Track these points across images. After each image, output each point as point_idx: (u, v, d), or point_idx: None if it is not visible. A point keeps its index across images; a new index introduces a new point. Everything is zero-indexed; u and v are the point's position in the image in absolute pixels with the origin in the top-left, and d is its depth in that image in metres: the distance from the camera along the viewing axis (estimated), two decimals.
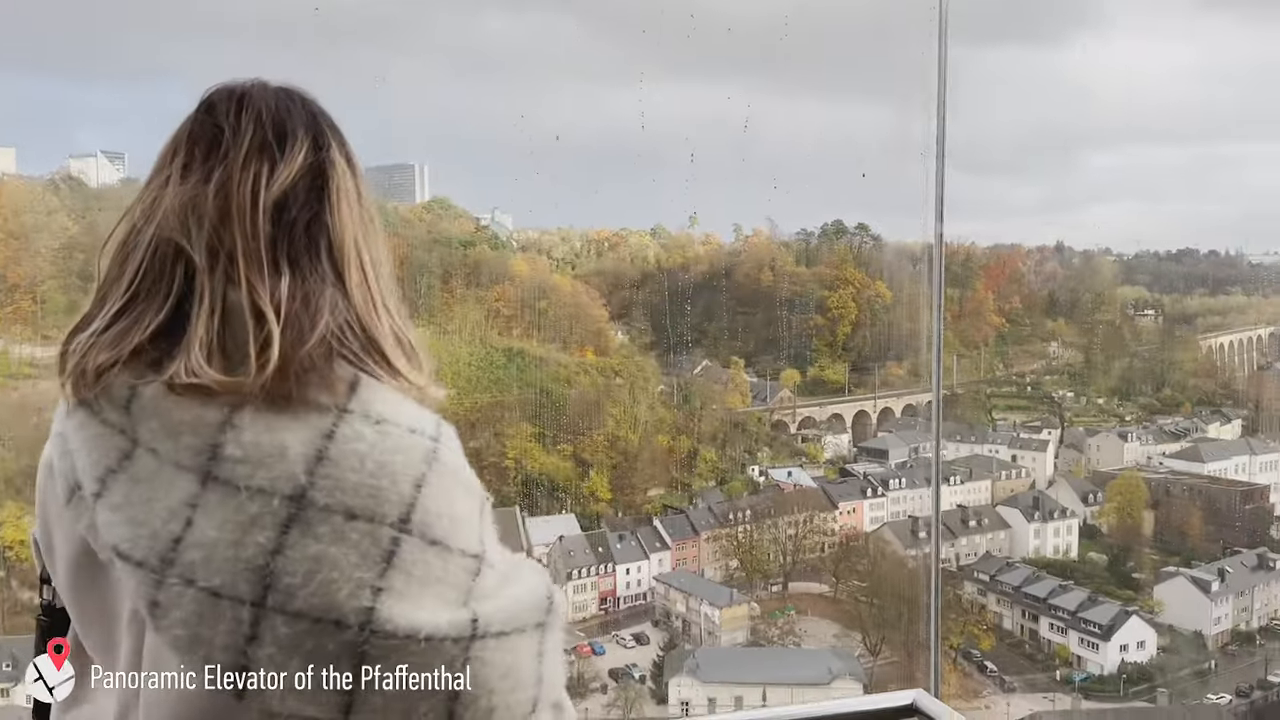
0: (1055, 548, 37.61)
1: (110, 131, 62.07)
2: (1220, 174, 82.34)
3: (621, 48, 63.74)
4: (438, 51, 60.97)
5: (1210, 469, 41.85)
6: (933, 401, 4.82)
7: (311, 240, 0.96)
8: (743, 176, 65.77)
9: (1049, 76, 66.25)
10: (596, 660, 30.85)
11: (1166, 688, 29.04)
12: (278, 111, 0.99)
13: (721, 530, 36.33)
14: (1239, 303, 68.66)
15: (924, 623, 19.25)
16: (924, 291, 57.67)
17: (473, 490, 0.94)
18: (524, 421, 40.47)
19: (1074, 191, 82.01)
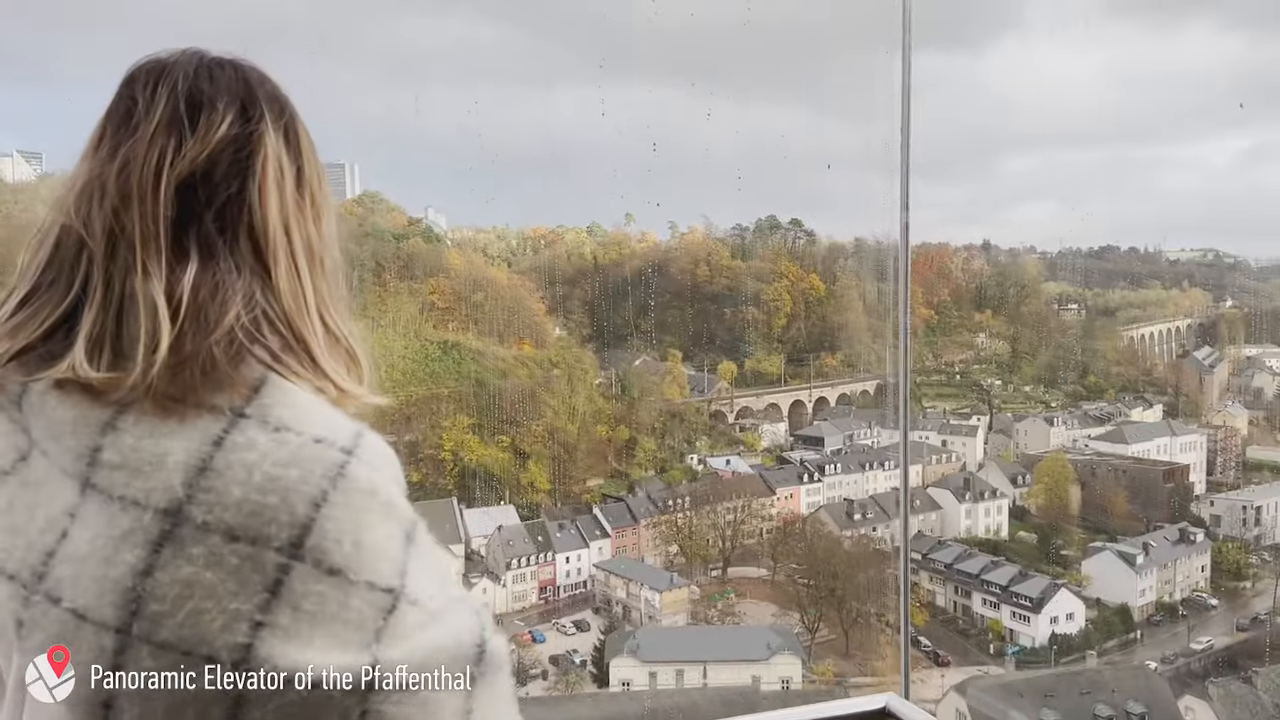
0: (986, 527, 38.42)
1: (24, 136, 60.19)
2: (1135, 176, 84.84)
3: (555, 51, 63.68)
4: (366, 55, 60.35)
5: (1134, 450, 43.14)
6: (899, 384, 4.84)
7: (228, 223, 0.84)
8: (678, 177, 66.21)
9: (969, 82, 67.88)
10: (537, 648, 30.64)
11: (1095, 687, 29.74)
12: (196, 80, 0.87)
13: (661, 517, 36.39)
14: (1158, 296, 71.19)
15: (867, 612, 19.47)
16: (856, 283, 58.65)
17: (395, 513, 0.81)
18: (460, 414, 40.08)
19: (997, 193, 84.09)
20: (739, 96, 72.18)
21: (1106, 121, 77.50)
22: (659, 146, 71.14)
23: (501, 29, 64.58)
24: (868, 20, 12.02)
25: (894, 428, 46.48)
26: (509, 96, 67.09)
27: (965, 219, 78.58)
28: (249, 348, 0.81)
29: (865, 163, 72.61)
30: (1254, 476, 42.94)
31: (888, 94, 3.84)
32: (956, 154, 72.84)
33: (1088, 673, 24.01)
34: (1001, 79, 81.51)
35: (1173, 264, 78.37)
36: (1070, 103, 73.57)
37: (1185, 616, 33.35)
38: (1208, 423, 48.56)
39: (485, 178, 66.55)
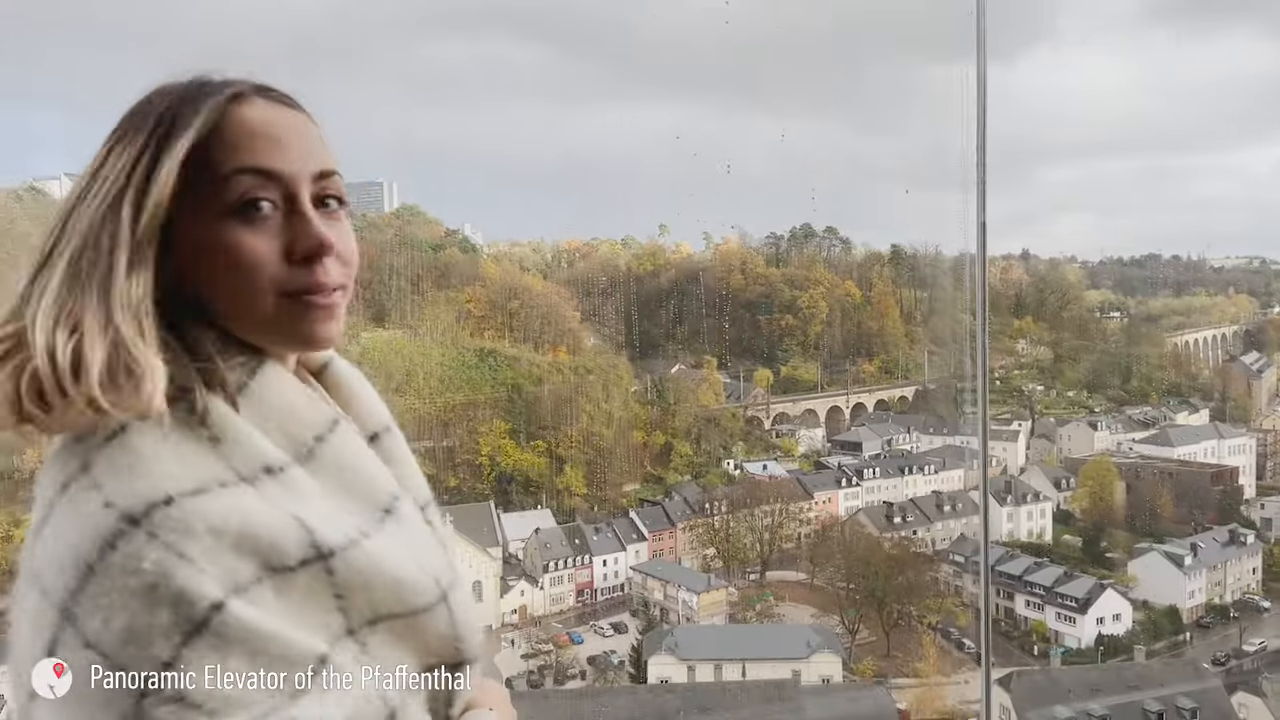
0: (1029, 531, 37.82)
1: (75, 159, 61.58)
2: (1176, 184, 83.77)
3: (589, 69, 64.26)
4: (404, 76, 61.21)
5: (1180, 453, 42.33)
6: (978, 385, 4.78)
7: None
8: (711, 191, 66.32)
9: (1003, 93, 67.46)
10: (575, 648, 30.53)
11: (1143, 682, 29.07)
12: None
13: (698, 520, 36.22)
14: (1203, 303, 70.02)
15: (907, 614, 19.29)
16: (892, 290, 58.23)
17: (166, 600, 0.72)
18: (497, 419, 40.23)
19: (1035, 204, 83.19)
20: (773, 110, 72.23)
21: (1145, 130, 76.39)
22: (693, 161, 71.26)
23: (535, 49, 65.24)
24: (905, 32, 11.98)
25: (933, 433, 46.03)
26: (543, 114, 67.65)
27: (1003, 230, 77.96)
28: None
29: (903, 174, 72.23)
30: None
31: (928, 105, 3.81)
32: (992, 165, 72.10)
33: (1135, 668, 23.42)
34: (1036, 89, 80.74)
35: (1217, 271, 77.09)
36: (1107, 112, 72.78)
37: (1237, 618, 32.50)
38: (1257, 426, 47.54)
39: (520, 193, 67.09)
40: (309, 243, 0.82)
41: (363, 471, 0.86)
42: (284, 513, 0.77)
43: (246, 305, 0.83)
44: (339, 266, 0.85)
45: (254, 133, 0.82)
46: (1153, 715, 21.06)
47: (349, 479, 0.85)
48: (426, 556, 0.86)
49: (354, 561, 0.79)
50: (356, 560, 0.79)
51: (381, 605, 0.81)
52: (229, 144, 0.81)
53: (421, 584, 0.83)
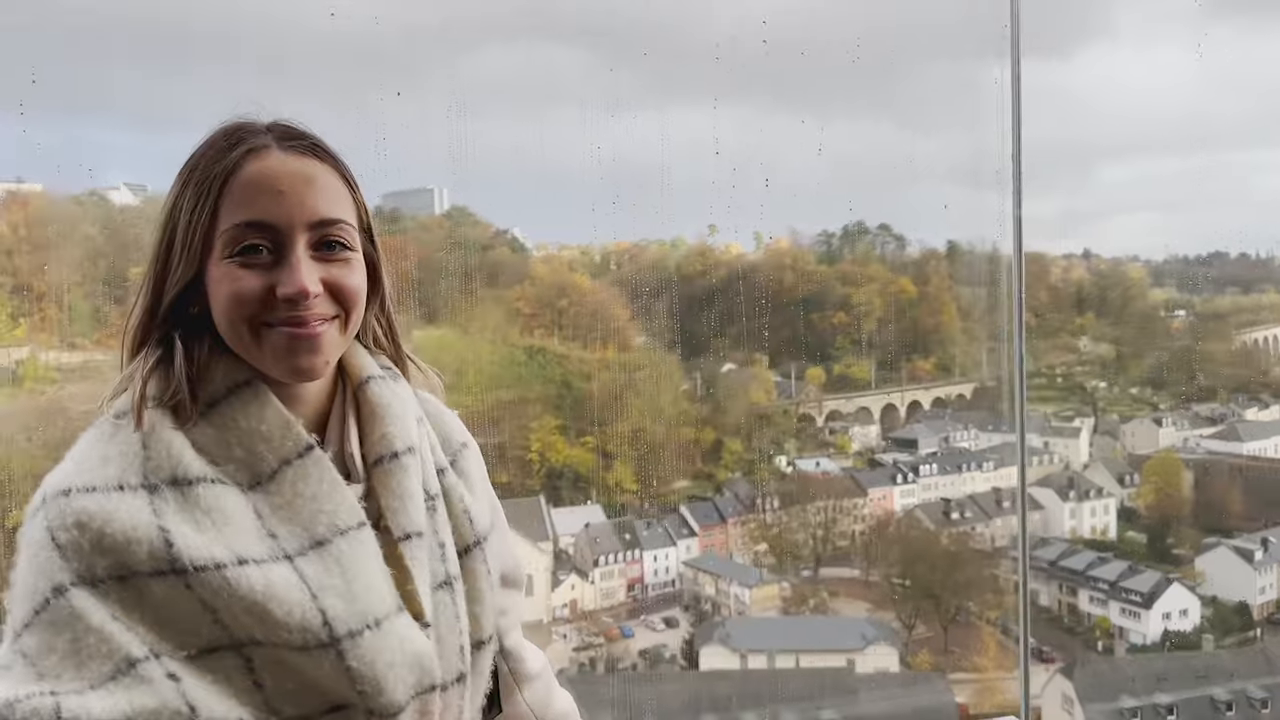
0: (1092, 528, 36.86)
1: (132, 171, 63.64)
2: (1240, 181, 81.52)
3: (631, 75, 64.50)
4: (448, 86, 62.03)
5: (1249, 448, 41.03)
6: (1016, 386, 4.68)
7: None
8: (761, 194, 66.03)
9: (1060, 91, 66.29)
10: (625, 642, 30.43)
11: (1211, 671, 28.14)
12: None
13: (749, 516, 35.91)
14: (1272, 300, 67.78)
15: (965, 609, 18.90)
16: (949, 286, 57.26)
17: (35, 570, 0.86)
18: (546, 415, 40.34)
19: (1095, 204, 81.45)
20: (820, 111, 71.67)
21: (1207, 127, 74.51)
22: (739, 164, 70.93)
23: (578, 55, 65.70)
24: (956, 29, 11.91)
25: (992, 430, 45.06)
26: (588, 120, 68.11)
27: (1063, 230, 76.57)
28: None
29: (955, 172, 71.26)
30: None
31: (978, 103, 3.75)
32: (1050, 165, 70.89)
33: (1203, 658, 22.63)
34: (1094, 87, 79.09)
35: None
36: (1168, 109, 71.03)
37: None
38: None
39: (567, 199, 67.51)
40: (288, 289, 0.93)
41: (313, 501, 0.93)
42: (151, 523, 0.86)
43: (234, 334, 0.95)
44: (326, 302, 0.95)
45: (257, 187, 0.93)
46: (1221, 705, 20.28)
47: (297, 505, 0.92)
48: (340, 597, 0.89)
49: (209, 583, 0.86)
50: (213, 582, 0.86)
51: (253, 629, 0.87)
52: (235, 199, 0.93)
53: (297, 624, 0.87)
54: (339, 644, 0.87)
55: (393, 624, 0.92)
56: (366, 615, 0.89)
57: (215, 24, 42.40)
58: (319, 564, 0.89)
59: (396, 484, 1.00)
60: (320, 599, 0.88)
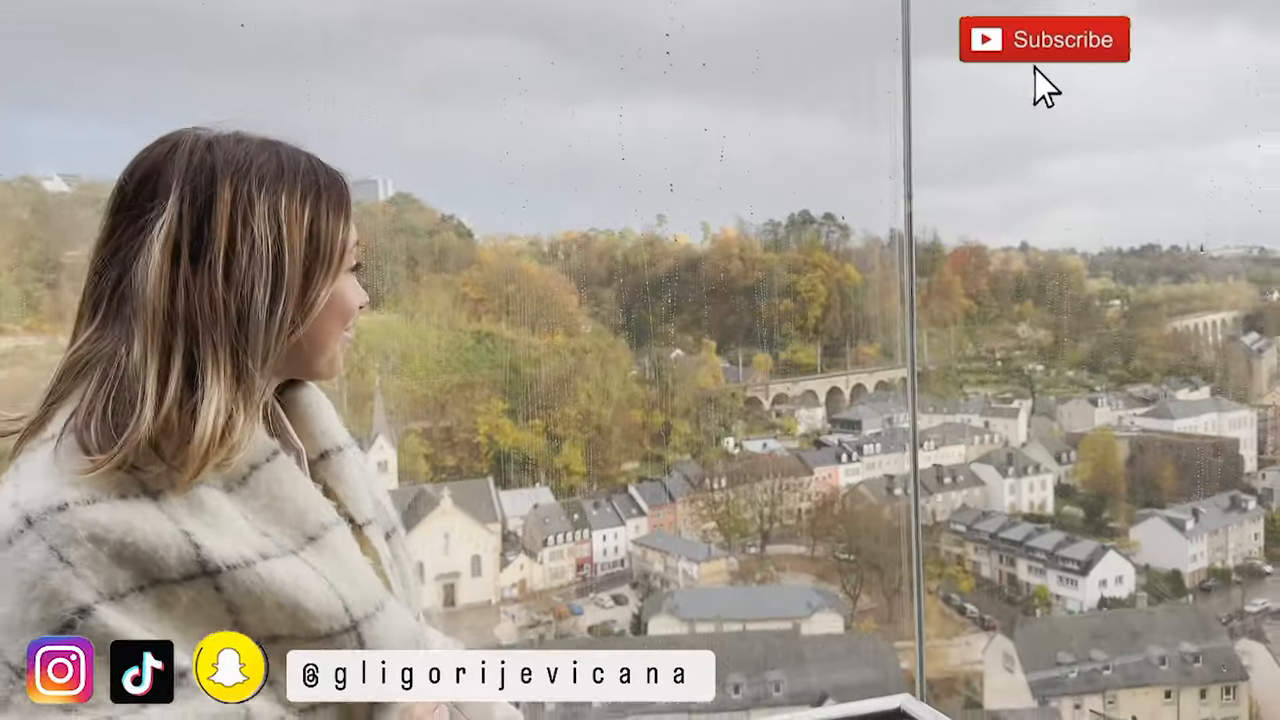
0: (1030, 503, 37.73)
1: (67, 161, 61.98)
2: (1174, 178, 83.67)
3: (578, 65, 64.49)
4: (399, 74, 61.41)
5: (1180, 426, 42.30)
6: (909, 373, 4.77)
7: (119, 295, 0.91)
8: (707, 186, 66.31)
9: (1001, 87, 67.51)
10: (574, 619, 30.48)
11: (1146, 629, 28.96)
12: (134, 164, 0.96)
13: (698, 495, 36.16)
14: (1203, 290, 70.02)
15: (902, 578, 19.20)
16: (892, 274, 58.24)
17: (35, 596, 0.81)
18: (495, 399, 40.20)
19: (1035, 198, 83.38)
20: (768, 106, 72.18)
21: (1144, 125, 76.62)
22: (687, 157, 71.56)
23: (529, 46, 65.54)
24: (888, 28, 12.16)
25: (933, 411, 45.92)
26: (538, 111, 67.89)
27: (1003, 223, 78.00)
28: (59, 398, 0.91)
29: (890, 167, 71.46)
30: None
31: (908, 98, 3.82)
32: (991, 160, 72.40)
33: (1139, 616, 23.34)
34: (1028, 85, 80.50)
35: (1216, 260, 77.04)
36: (1105, 107, 72.70)
37: (1239, 582, 32.38)
38: (1258, 403, 47.43)
39: (515, 189, 67.22)
40: (364, 300, 1.02)
41: (293, 501, 0.93)
42: (173, 528, 0.84)
43: (320, 341, 0.98)
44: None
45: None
46: (1156, 662, 20.94)
47: (278, 506, 0.91)
48: (348, 584, 0.92)
49: (242, 581, 0.85)
50: (245, 580, 0.85)
51: (276, 625, 0.87)
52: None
53: (325, 611, 0.89)
54: (358, 627, 0.90)
55: (390, 607, 0.95)
56: (369, 600, 0.93)
57: (155, 16, 40.97)
58: (319, 557, 0.91)
59: (348, 475, 1.03)
60: (336, 587, 0.90)
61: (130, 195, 0.91)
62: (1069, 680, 20.59)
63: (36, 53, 51.52)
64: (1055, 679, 20.74)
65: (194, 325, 0.87)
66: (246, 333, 0.88)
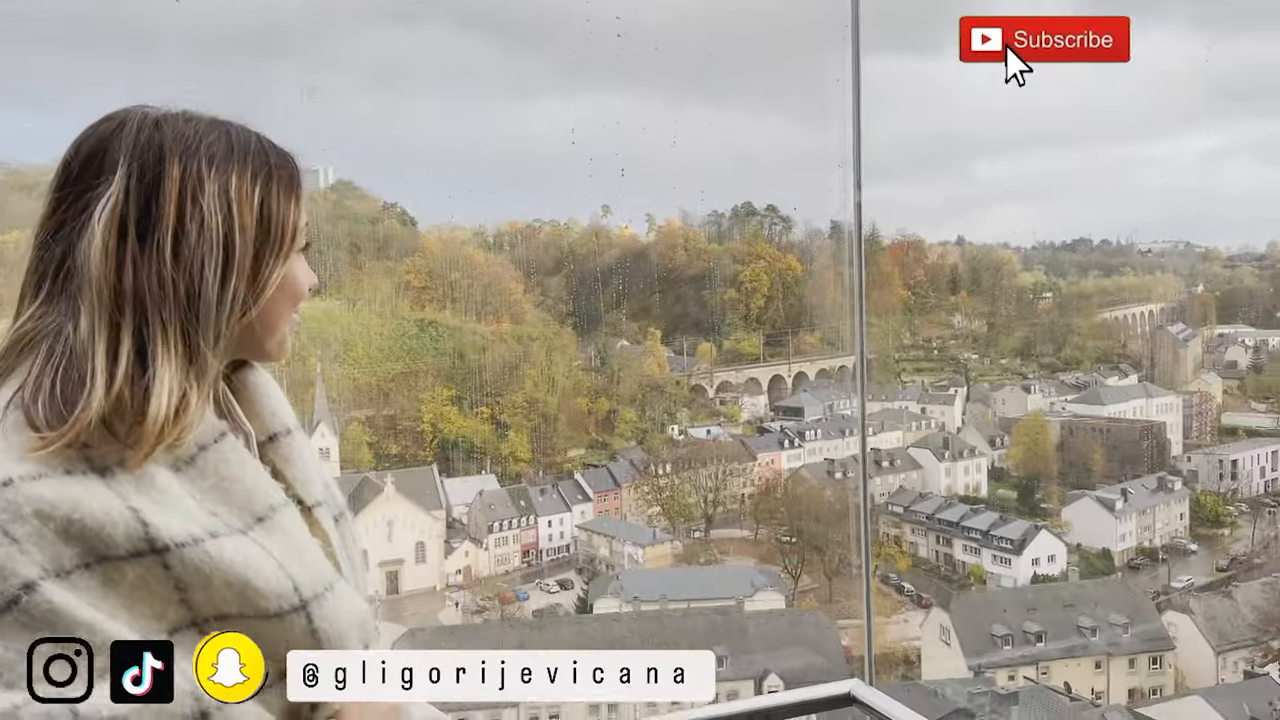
0: (966, 485, 38.58)
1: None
2: (1105, 175, 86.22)
3: (525, 57, 64.19)
4: (345, 64, 60.43)
5: (1110, 411, 43.48)
6: (857, 361, 4.90)
7: (64, 272, 0.89)
8: (652, 178, 66.53)
9: (938, 86, 68.67)
10: (520, 604, 30.48)
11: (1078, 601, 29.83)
12: (79, 141, 0.94)
13: (643, 480, 36.35)
14: (1131, 282, 72.20)
15: (842, 559, 19.45)
16: (833, 265, 59.08)
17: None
18: (439, 387, 39.92)
19: (970, 195, 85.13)
20: (712, 101, 72.57)
21: (1075, 124, 78.56)
22: (630, 150, 71.65)
23: (474, 37, 65.04)
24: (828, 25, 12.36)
25: (872, 399, 46.76)
26: (483, 102, 67.30)
27: (939, 219, 79.72)
28: (2, 374, 0.88)
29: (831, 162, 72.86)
30: (1229, 440, 43.37)
31: (845, 93, 3.92)
32: (928, 158, 73.66)
33: (1070, 588, 24.10)
34: (970, 84, 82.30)
35: (1144, 254, 79.52)
36: (1037, 107, 74.25)
37: (1165, 560, 33.56)
38: (1184, 389, 49.09)
39: (461, 181, 66.72)
40: (314, 281, 1.02)
41: (242, 482, 0.92)
42: (121, 505, 0.83)
43: (271, 322, 0.98)
44: None
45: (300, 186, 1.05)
46: (1086, 631, 21.67)
47: (226, 487, 0.91)
48: (298, 564, 0.91)
49: (191, 559, 0.84)
50: (194, 558, 0.84)
51: (224, 604, 0.86)
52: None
53: (274, 590, 0.88)
54: (308, 607, 0.89)
55: (339, 588, 0.95)
56: (319, 581, 0.92)
57: (84, 3, 39.52)
58: (268, 537, 0.90)
59: (297, 457, 1.02)
60: (285, 567, 0.89)
61: (75, 172, 0.90)
62: (1003, 652, 21.26)
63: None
64: (989, 650, 21.42)
65: (142, 303, 0.86)
66: (197, 312, 0.88)
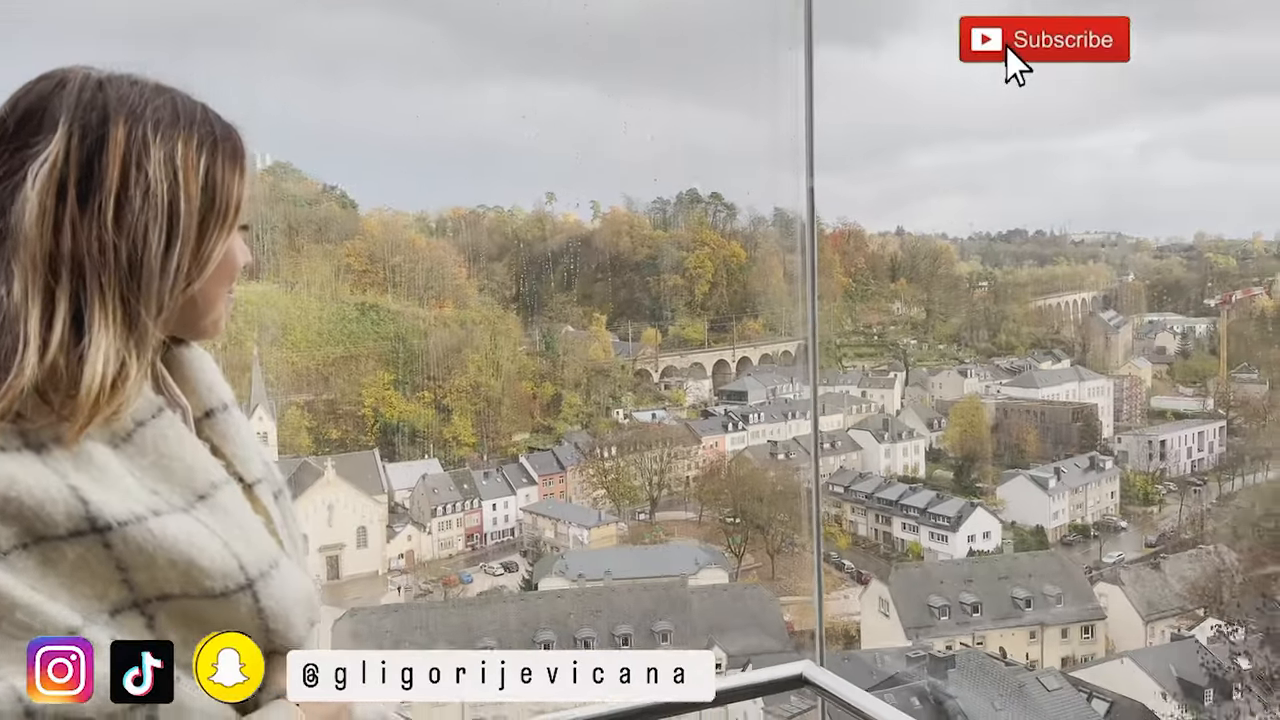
0: (904, 466, 39.25)
1: None
2: (1039, 168, 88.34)
3: (470, 46, 63.62)
4: (287, 49, 59.32)
5: (1044, 394, 44.48)
6: (810, 344, 4.91)
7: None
8: (597, 167, 66.41)
9: (875, 80, 69.55)
10: (464, 587, 30.29)
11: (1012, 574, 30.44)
12: (15, 98, 0.89)
13: (588, 464, 36.36)
14: (1064, 271, 74.12)
15: (783, 538, 19.60)
16: (777, 252, 59.61)
17: None
18: (380, 371, 39.43)
19: (908, 187, 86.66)
20: (655, 91, 72.85)
21: (1010, 118, 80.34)
22: (575, 138, 71.61)
23: (419, 25, 64.34)
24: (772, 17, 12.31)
25: None
26: (427, 89, 66.65)
27: (878, 211, 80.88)
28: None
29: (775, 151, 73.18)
30: (1157, 423, 44.69)
31: (794, 85, 3.94)
32: (867, 150, 74.57)
33: (1005, 561, 24.70)
34: (907, 77, 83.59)
35: (1077, 245, 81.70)
36: (974, 100, 75.62)
37: (1097, 537, 34.53)
38: (1115, 374, 50.54)
39: (402, 167, 66.02)
40: (249, 259, 0.97)
41: (181, 459, 0.89)
42: (60, 483, 0.80)
43: (208, 300, 0.95)
44: None
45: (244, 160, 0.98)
46: (1021, 602, 22.23)
47: (165, 464, 0.88)
48: (242, 542, 0.88)
49: (134, 537, 0.81)
50: (138, 536, 0.81)
51: (167, 584, 0.83)
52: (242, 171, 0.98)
53: (220, 569, 0.85)
54: (254, 586, 0.86)
55: (284, 565, 0.92)
56: (264, 559, 0.89)
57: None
58: (211, 515, 0.87)
59: (235, 433, 0.99)
60: (230, 545, 0.86)
61: (11, 129, 0.84)
62: (940, 623, 21.75)
63: None
64: (927, 621, 21.90)
65: (80, 267, 0.81)
66: (139, 280, 0.84)
